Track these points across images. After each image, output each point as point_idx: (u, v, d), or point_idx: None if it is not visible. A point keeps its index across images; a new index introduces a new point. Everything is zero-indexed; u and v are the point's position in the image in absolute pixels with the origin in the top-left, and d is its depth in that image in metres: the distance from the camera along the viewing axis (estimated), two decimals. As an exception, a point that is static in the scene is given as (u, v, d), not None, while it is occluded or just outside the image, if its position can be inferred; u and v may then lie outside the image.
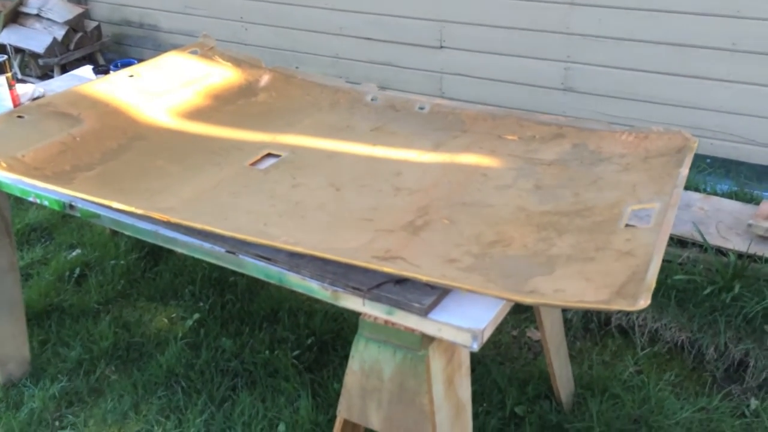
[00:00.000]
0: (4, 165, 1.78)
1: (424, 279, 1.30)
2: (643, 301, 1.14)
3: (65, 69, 4.48)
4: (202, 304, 2.73)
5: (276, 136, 2.09)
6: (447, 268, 1.41)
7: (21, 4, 4.79)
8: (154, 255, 3.01)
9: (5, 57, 2.34)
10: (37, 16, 4.73)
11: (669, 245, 2.58)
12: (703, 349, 2.38)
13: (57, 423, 2.26)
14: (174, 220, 1.52)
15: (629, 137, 1.87)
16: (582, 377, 2.34)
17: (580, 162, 1.83)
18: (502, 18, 3.47)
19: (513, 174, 1.82)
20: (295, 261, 1.47)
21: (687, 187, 2.98)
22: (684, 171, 1.61)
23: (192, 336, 2.55)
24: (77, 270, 2.95)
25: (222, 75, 2.42)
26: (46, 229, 3.30)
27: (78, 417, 2.27)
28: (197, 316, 2.64)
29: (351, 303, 1.40)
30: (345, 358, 2.38)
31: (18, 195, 1.89)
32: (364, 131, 2.11)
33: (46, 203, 1.82)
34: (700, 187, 3.05)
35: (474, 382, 2.29)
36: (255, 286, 2.79)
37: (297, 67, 4.14)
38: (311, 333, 2.54)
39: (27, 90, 2.48)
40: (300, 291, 1.47)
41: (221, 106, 2.28)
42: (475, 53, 3.63)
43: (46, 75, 4.72)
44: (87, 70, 2.81)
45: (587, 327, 2.59)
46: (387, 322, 1.37)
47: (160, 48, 4.70)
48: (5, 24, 4.78)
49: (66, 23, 4.66)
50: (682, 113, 3.20)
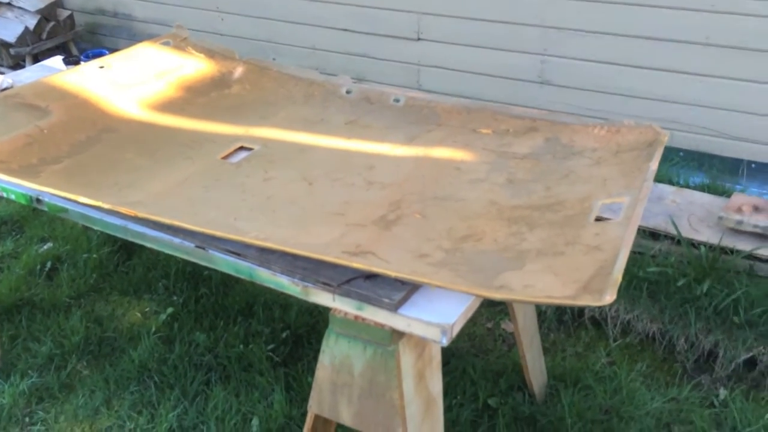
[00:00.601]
0: (-32, 158, 1.74)
1: (392, 274, 1.29)
2: (609, 297, 1.15)
3: (37, 58, 4.40)
4: (175, 298, 2.71)
5: (249, 129, 2.07)
6: (417, 263, 1.41)
7: (-9, -9, 4.69)
8: (127, 249, 2.97)
9: (-29, 47, 2.29)
10: (9, 4, 4.63)
11: (641, 238, 2.61)
12: (674, 340, 2.41)
13: (27, 419, 2.23)
14: (142, 214, 1.51)
15: (601, 131, 1.88)
16: (555, 369, 2.36)
17: (552, 156, 1.84)
18: (479, 10, 3.47)
19: (486, 168, 1.82)
20: (266, 256, 1.46)
21: (660, 180, 3.01)
22: (654, 165, 1.62)
23: (165, 330, 2.53)
24: (48, 264, 2.90)
25: (195, 67, 2.39)
26: (16, 223, 3.24)
27: (49, 413, 2.24)
28: (171, 310, 2.62)
29: (321, 298, 1.40)
30: (320, 351, 2.38)
31: (-16, 188, 1.85)
32: (338, 124, 2.10)
33: (12, 197, 1.79)
34: (672, 180, 3.09)
35: (447, 374, 2.30)
36: (230, 280, 2.77)
37: (274, 59, 4.10)
38: (286, 327, 2.53)
39: (-6, 81, 2.43)
40: (270, 286, 1.46)
41: (194, 98, 2.26)
42: (453, 45, 3.63)
43: (17, 65, 4.63)
44: (57, 60, 2.77)
45: (561, 319, 2.61)
46: (357, 317, 1.37)
47: (134, 38, 4.62)
48: (-25, 12, 4.67)
49: (38, 12, 4.57)
50: (656, 106, 3.23)
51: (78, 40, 4.91)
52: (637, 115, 3.20)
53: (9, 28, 4.57)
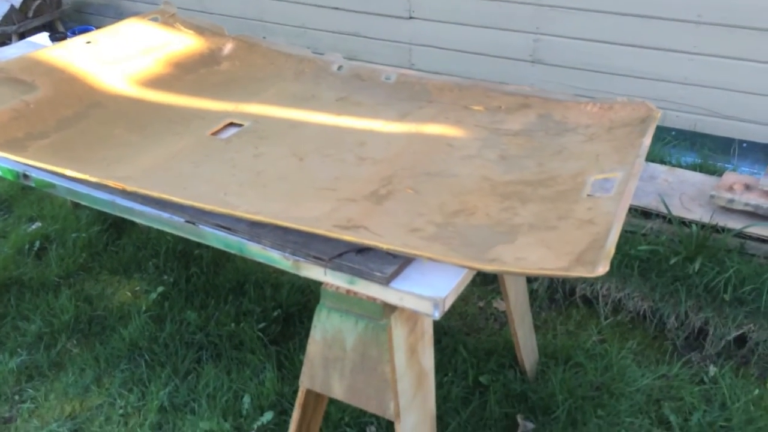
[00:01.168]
0: (-47, 133, 1.71)
1: (385, 247, 1.28)
2: (602, 268, 1.14)
3: (23, 37, 4.32)
4: (166, 277, 2.69)
5: (239, 105, 2.05)
6: (409, 237, 1.40)
7: (-25, -32, 4.60)
8: (117, 228, 2.95)
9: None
10: (-7, -19, 4.55)
11: (633, 216, 2.62)
12: (665, 318, 2.42)
13: (17, 397, 2.22)
14: (130, 188, 1.49)
15: (594, 108, 1.86)
16: (546, 347, 2.37)
17: (545, 132, 1.83)
18: (471, -12, 3.44)
19: (478, 144, 1.80)
20: (256, 231, 1.44)
21: (652, 159, 3.01)
22: (646, 141, 1.62)
23: (156, 309, 2.52)
24: (37, 243, 2.88)
25: (183, 43, 2.35)
26: (5, 202, 3.21)
27: (38, 391, 2.23)
28: (161, 289, 2.60)
29: (312, 272, 1.39)
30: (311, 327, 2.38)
31: (-31, 164, 1.82)
32: (329, 101, 2.07)
33: (-1, 173, 1.77)
34: (665, 159, 3.09)
35: (439, 352, 2.30)
36: (221, 258, 2.76)
37: (264, 37, 4.05)
38: (277, 305, 2.52)
39: (-21, 56, 2.39)
40: (261, 261, 1.45)
41: (182, 74, 2.23)
42: (445, 24, 3.60)
43: (3, 43, 4.55)
44: (43, 36, 2.72)
45: (552, 297, 2.62)
46: (349, 291, 1.36)
47: (121, 16, 4.55)
48: (-41, -11, 4.59)
49: (23, -11, 4.49)
50: (648, 85, 3.22)
51: (64, 18, 4.84)
52: (630, 94, 3.17)
53: (-6, 5, 4.49)
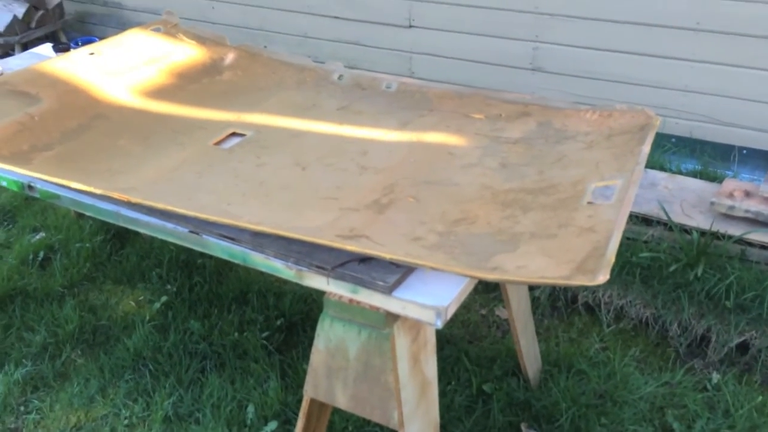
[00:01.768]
0: (-42, 145, 1.73)
1: (387, 257, 1.29)
2: (602, 276, 1.15)
3: (26, 47, 4.35)
4: (169, 286, 2.70)
5: (241, 115, 2.06)
6: (411, 246, 1.41)
7: (-21, -20, 4.64)
8: (120, 237, 2.96)
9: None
10: (-4, -7, 4.59)
11: (634, 223, 2.62)
12: (667, 325, 2.42)
13: (22, 408, 2.23)
14: (135, 200, 1.50)
15: (593, 115, 1.88)
16: (549, 354, 2.37)
17: (545, 140, 1.84)
18: (471, -3, 3.46)
19: (479, 152, 1.82)
20: (259, 240, 1.45)
21: (652, 166, 3.02)
22: (645, 148, 1.63)
23: (159, 319, 2.53)
24: (41, 253, 2.89)
25: (186, 53, 2.37)
26: (8, 212, 3.22)
27: (44, 401, 2.23)
28: (165, 298, 2.61)
29: (315, 282, 1.40)
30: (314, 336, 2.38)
31: (-26, 176, 1.84)
32: (330, 110, 2.09)
33: (4, 184, 1.78)
34: (665, 166, 3.10)
35: (442, 360, 2.31)
36: (224, 268, 2.77)
37: (265, 47, 4.07)
38: (280, 314, 2.53)
39: (-16, 69, 2.41)
40: (264, 270, 1.46)
41: (185, 84, 2.24)
42: (445, 32, 3.62)
43: (6, 54, 4.58)
44: (47, 48, 2.74)
45: (554, 305, 2.62)
46: (351, 300, 1.37)
47: (124, 26, 4.58)
48: (-37, 1, 4.62)
49: (27, 0, 4.52)
50: (648, 92, 3.24)
51: (67, 28, 4.87)
52: (629, 101, 3.18)
53: (-3, 17, 4.52)
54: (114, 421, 2.16)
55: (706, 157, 3.17)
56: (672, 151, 3.23)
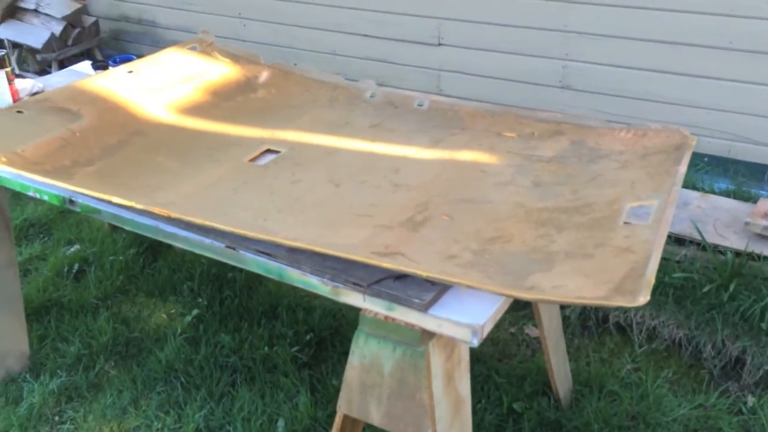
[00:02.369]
0: (3, 159, 1.77)
1: (424, 275, 1.30)
2: (643, 298, 1.15)
3: (63, 64, 4.47)
4: (200, 300, 2.73)
5: (275, 132, 2.09)
6: (446, 264, 1.42)
7: (19, -1, 4.78)
8: (152, 251, 3.01)
9: (4, 52, 2.34)
10: (35, 11, 4.72)
11: (667, 243, 2.59)
12: (701, 347, 2.39)
13: (56, 418, 2.26)
14: (174, 215, 1.53)
15: (627, 134, 1.87)
16: (580, 374, 2.35)
17: (578, 159, 1.84)
18: (500, 15, 3.48)
19: (511, 171, 1.82)
20: (295, 256, 1.47)
21: (684, 186, 2.99)
22: (682, 169, 1.62)
23: (191, 332, 2.56)
24: (76, 265, 2.95)
25: (221, 71, 2.42)
26: (44, 225, 3.29)
27: (77, 412, 2.27)
28: (196, 311, 2.64)
29: (351, 299, 1.41)
30: (343, 354, 2.39)
31: (18, 190, 1.89)
32: (362, 128, 2.11)
33: (45, 198, 1.82)
34: (697, 186, 3.07)
35: (472, 378, 2.28)
36: (254, 282, 2.79)
37: (295, 64, 4.13)
38: (310, 329, 2.54)
39: (26, 85, 2.48)
40: (300, 286, 1.47)
41: (220, 102, 2.29)
42: (473, 51, 3.64)
43: (43, 71, 4.71)
44: (86, 65, 2.81)
45: (585, 324, 2.60)
46: (387, 317, 1.37)
47: (158, 44, 4.69)
48: (3, 19, 4.76)
49: (64, 18, 4.64)
50: (679, 111, 3.21)
51: (103, 46, 4.98)
52: (660, 120, 3.18)
53: (35, 34, 4.65)
54: (146, 433, 2.18)
55: (739, 177, 3.14)
56: (704, 170, 3.20)
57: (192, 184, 1.80)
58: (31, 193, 1.85)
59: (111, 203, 1.63)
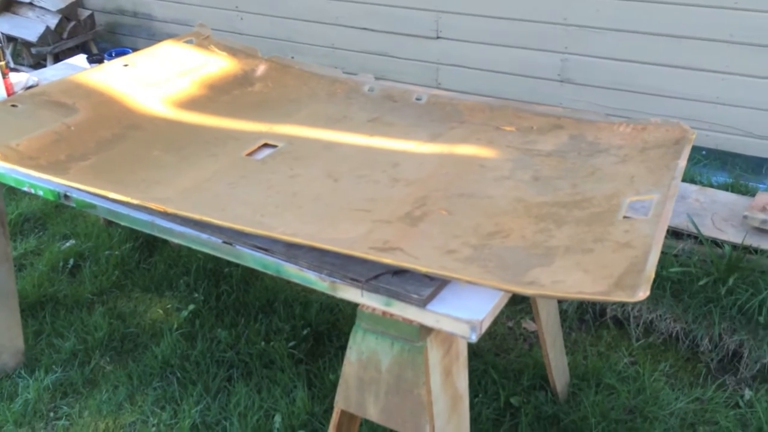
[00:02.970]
0: (-2, 154, 1.76)
1: (422, 270, 1.29)
2: (642, 293, 1.14)
3: (58, 58, 4.44)
4: (197, 295, 2.72)
5: (272, 126, 2.08)
6: (445, 259, 1.41)
7: (13, -9, 4.74)
8: (148, 246, 2.99)
9: (-2, 45, 2.32)
10: (30, 4, 4.68)
11: (665, 237, 2.59)
12: (698, 340, 2.39)
13: (52, 414, 2.25)
14: (171, 210, 1.51)
15: (627, 128, 1.86)
16: (577, 368, 2.35)
17: (577, 153, 1.83)
18: (499, 8, 3.46)
19: (511, 165, 1.81)
20: (293, 252, 1.46)
21: (683, 179, 2.97)
22: (682, 163, 1.61)
23: (187, 327, 2.55)
24: (71, 260, 2.93)
25: (218, 65, 2.40)
26: (39, 220, 3.28)
27: (73, 408, 2.26)
28: (192, 307, 2.63)
29: (349, 294, 1.40)
30: (340, 348, 2.38)
31: (12, 185, 1.87)
32: (361, 122, 2.10)
33: (40, 193, 1.81)
34: (695, 179, 3.06)
35: (470, 373, 2.29)
36: (250, 277, 2.78)
37: (292, 57, 4.11)
38: (307, 324, 2.53)
39: (21, 79, 2.46)
40: (297, 282, 1.46)
41: (217, 96, 2.27)
42: (472, 44, 3.62)
43: (38, 64, 4.68)
44: (81, 59, 2.79)
45: (582, 318, 2.60)
46: (385, 313, 1.37)
47: (154, 37, 4.66)
48: (-3, 12, 4.73)
49: (59, 12, 4.61)
50: (678, 104, 3.21)
51: (98, 39, 4.95)
52: (659, 114, 3.18)
53: (30, 27, 4.61)
54: (142, 429, 2.17)
55: (737, 170, 3.13)
56: (703, 164, 3.20)
57: (188, 178, 1.78)
58: (26, 188, 1.83)
59: (106, 198, 1.62)
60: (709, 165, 3.19)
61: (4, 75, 2.31)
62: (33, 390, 2.30)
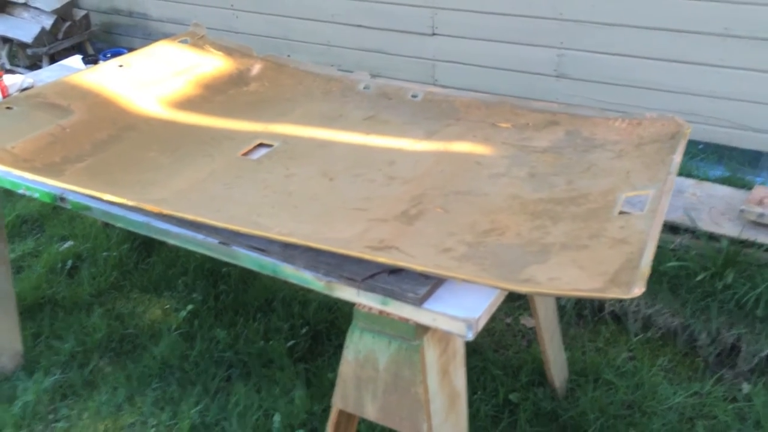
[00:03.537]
0: (-7, 157, 1.76)
1: (418, 269, 1.29)
2: (638, 289, 1.14)
3: (54, 58, 4.43)
4: (195, 295, 2.72)
5: (268, 125, 2.08)
6: (441, 257, 1.41)
7: (8, -7, 4.73)
8: (146, 246, 2.99)
9: (-8, 47, 2.32)
10: (25, 5, 4.67)
11: (661, 232, 2.59)
12: (696, 335, 2.39)
13: (51, 416, 2.26)
14: (166, 211, 1.51)
15: (622, 124, 1.86)
16: (576, 364, 2.35)
17: (573, 149, 1.83)
18: (494, 4, 3.45)
19: (507, 162, 1.81)
20: (289, 252, 1.46)
21: (680, 173, 2.98)
22: (677, 158, 1.61)
23: (186, 327, 2.55)
24: (69, 262, 2.93)
25: (213, 64, 2.39)
26: (37, 221, 3.27)
27: (72, 410, 2.26)
28: (191, 307, 2.63)
29: (345, 293, 1.40)
30: (339, 347, 2.38)
31: (8, 188, 1.87)
32: (356, 120, 2.09)
33: (36, 195, 1.81)
34: (692, 173, 3.06)
35: (468, 370, 2.29)
36: (248, 276, 2.78)
37: (288, 55, 4.10)
38: (305, 322, 2.54)
39: (16, 81, 2.45)
40: (294, 282, 1.46)
41: (212, 95, 2.26)
42: (468, 40, 3.61)
43: (34, 65, 4.67)
44: (76, 60, 2.78)
45: (581, 314, 2.60)
46: (381, 312, 1.37)
47: (149, 37, 4.65)
48: (-8, 13, 4.71)
49: (54, 12, 4.60)
50: (675, 99, 3.20)
51: (94, 39, 4.94)
52: (656, 108, 3.18)
53: (26, 28, 4.61)
54: (141, 430, 2.18)
55: (734, 164, 3.13)
56: (699, 158, 3.19)
57: (184, 179, 1.78)
58: (22, 191, 1.83)
59: (102, 200, 1.61)
60: (706, 159, 3.19)
61: (-2, 77, 2.31)
62: (32, 392, 2.30)
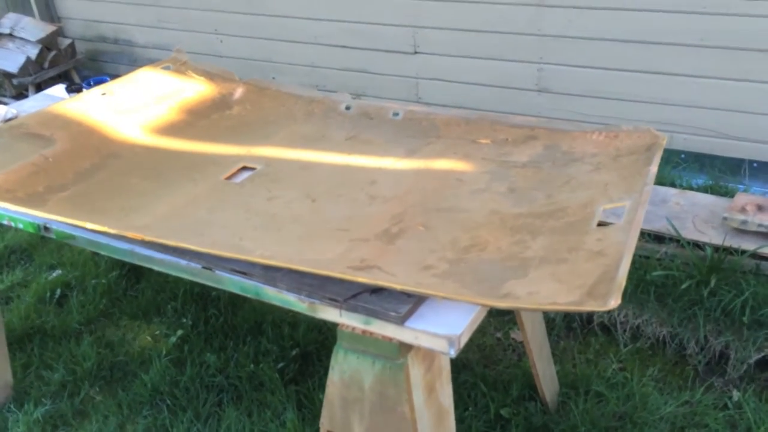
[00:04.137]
0: (-25, 189, 1.76)
1: (398, 287, 1.30)
2: (614, 301, 1.15)
3: (40, 87, 4.45)
4: (185, 320, 2.72)
5: (251, 148, 2.09)
6: (422, 275, 1.42)
7: (-7, 24, 4.76)
8: (135, 272, 2.99)
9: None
10: (10, 35, 4.70)
11: (646, 241, 2.62)
12: (685, 343, 2.40)
13: (41, 447, 2.24)
14: (148, 238, 1.52)
15: (600, 137, 1.89)
16: (566, 376, 2.36)
17: (552, 163, 1.85)
18: (474, 21, 3.50)
19: (487, 178, 1.83)
20: (271, 274, 1.47)
21: (662, 183, 3.01)
22: (653, 168, 1.63)
23: (176, 353, 2.54)
24: (58, 291, 2.92)
25: (195, 89, 2.41)
26: (25, 251, 3.27)
27: (63, 440, 2.25)
28: (180, 332, 2.63)
29: (328, 314, 1.41)
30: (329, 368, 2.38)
31: (-9, 219, 1.87)
32: (338, 141, 2.11)
33: (20, 226, 1.81)
34: (675, 182, 3.09)
35: (459, 386, 2.30)
36: (238, 299, 2.78)
37: (273, 78, 4.14)
38: (295, 344, 2.53)
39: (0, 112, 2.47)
40: (277, 304, 1.47)
41: (195, 120, 2.28)
42: (450, 57, 3.66)
43: (20, 94, 4.68)
44: (59, 89, 2.80)
45: (570, 326, 2.61)
46: (365, 331, 1.37)
47: (135, 63, 4.68)
48: (-23, 45, 4.73)
49: (39, 42, 4.63)
50: (654, 109, 3.24)
51: (80, 67, 4.97)
52: (636, 119, 3.22)
53: (11, 58, 4.63)
54: (133, 457, 2.16)
55: (716, 172, 3.17)
56: (682, 167, 3.23)
57: (168, 204, 1.79)
58: (6, 222, 1.83)
59: (85, 229, 1.62)
60: (688, 168, 3.22)
61: (-18, 109, 2.32)
62: (23, 424, 2.28)
